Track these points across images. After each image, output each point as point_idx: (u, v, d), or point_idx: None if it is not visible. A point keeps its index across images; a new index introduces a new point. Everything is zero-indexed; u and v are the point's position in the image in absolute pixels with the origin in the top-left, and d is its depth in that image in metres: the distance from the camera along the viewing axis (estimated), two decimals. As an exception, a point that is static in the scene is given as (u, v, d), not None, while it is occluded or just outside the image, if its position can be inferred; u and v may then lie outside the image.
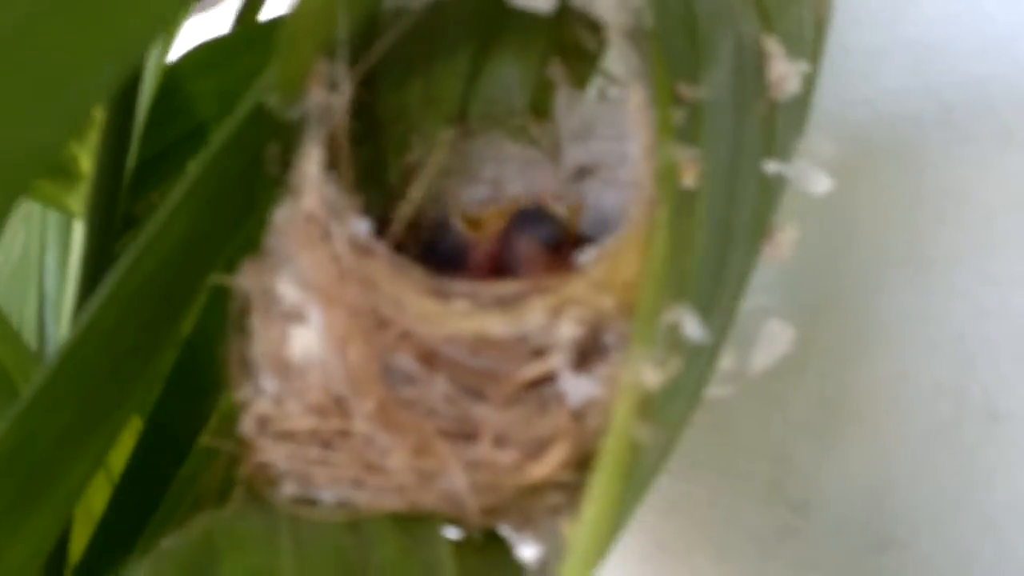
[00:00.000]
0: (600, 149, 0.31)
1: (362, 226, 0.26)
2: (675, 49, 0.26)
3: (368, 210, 0.30)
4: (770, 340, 0.29)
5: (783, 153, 0.28)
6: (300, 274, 0.26)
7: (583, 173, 0.32)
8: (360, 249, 0.26)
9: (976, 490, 0.40)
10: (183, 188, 0.27)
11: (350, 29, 0.26)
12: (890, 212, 0.41)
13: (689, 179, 0.25)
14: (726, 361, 0.28)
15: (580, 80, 0.31)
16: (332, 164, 0.26)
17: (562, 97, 0.31)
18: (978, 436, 0.40)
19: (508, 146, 0.32)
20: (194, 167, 0.27)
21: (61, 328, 0.41)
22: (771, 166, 0.28)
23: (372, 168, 0.30)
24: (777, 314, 0.29)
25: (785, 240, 0.28)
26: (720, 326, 0.27)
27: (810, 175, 0.29)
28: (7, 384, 0.37)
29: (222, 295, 0.28)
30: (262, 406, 0.27)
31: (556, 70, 0.31)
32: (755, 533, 0.45)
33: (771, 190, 0.28)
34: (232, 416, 0.29)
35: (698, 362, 0.26)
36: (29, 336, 0.42)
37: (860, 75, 0.41)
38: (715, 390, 0.28)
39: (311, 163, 0.26)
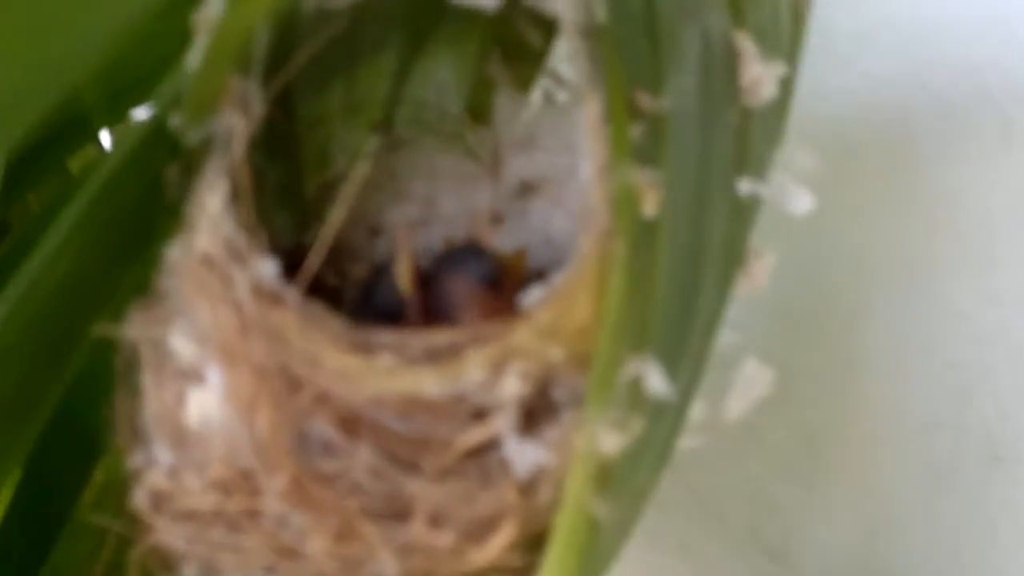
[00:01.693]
0: (546, 162, 0.30)
1: (268, 269, 0.25)
2: (633, 50, 0.25)
3: (281, 235, 0.29)
4: (746, 384, 0.29)
5: (758, 168, 0.28)
6: (196, 326, 0.25)
7: (527, 190, 0.31)
8: (266, 296, 0.25)
9: (977, 538, 0.40)
10: (70, 220, 0.26)
11: (269, 41, 0.25)
12: (875, 220, 0.41)
13: (650, 206, 0.24)
14: (697, 410, 0.27)
15: (523, 82, 0.30)
16: (233, 195, 0.25)
17: (503, 101, 0.30)
18: (978, 477, 0.40)
19: (441, 157, 0.31)
20: (81, 197, 0.26)
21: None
22: (745, 185, 0.27)
23: (286, 188, 0.29)
24: (749, 338, 0.28)
25: (762, 269, 0.28)
26: (690, 376, 0.26)
27: (790, 192, 0.28)
28: None
29: (106, 342, 0.27)
30: (156, 479, 0.26)
31: (496, 69, 0.30)
32: (730, 584, 0.45)
33: (745, 212, 0.28)
34: (118, 484, 0.28)
35: (664, 420, 0.25)
36: None
37: (840, 61, 0.41)
38: (683, 442, 0.27)
39: (213, 196, 0.25)
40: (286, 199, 0.30)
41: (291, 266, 0.26)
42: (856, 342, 0.42)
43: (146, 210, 0.27)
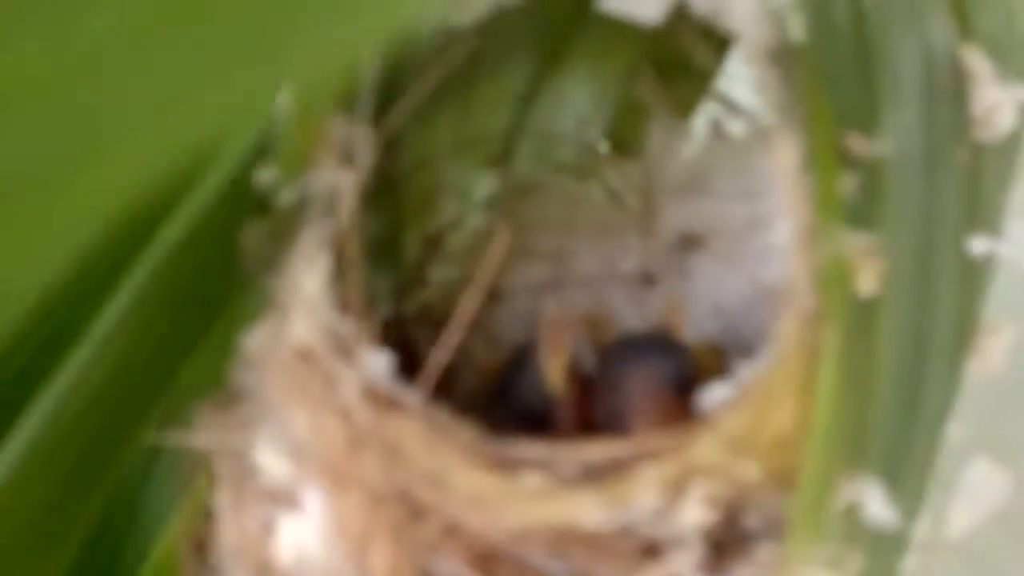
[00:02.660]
0: (715, 210, 0.30)
1: (381, 364, 0.25)
2: (841, 78, 0.25)
3: (374, 302, 0.29)
4: (976, 491, 0.28)
5: (991, 220, 0.28)
6: (290, 436, 0.25)
7: (689, 244, 0.31)
8: (381, 401, 0.25)
9: None
10: (127, 297, 0.26)
11: (378, 78, 0.25)
12: None
13: (868, 282, 0.24)
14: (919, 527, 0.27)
15: (684, 107, 0.30)
16: (337, 272, 0.25)
17: (658, 131, 0.30)
18: None
19: (576, 203, 0.31)
20: (143, 267, 0.26)
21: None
22: (979, 243, 0.27)
23: (385, 243, 0.29)
24: (979, 433, 0.28)
25: (997, 346, 0.28)
26: (914, 491, 0.26)
27: (1029, 247, 0.28)
28: None
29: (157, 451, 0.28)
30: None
31: (649, 90, 0.30)
32: None
33: (977, 277, 0.27)
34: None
35: (886, 553, 0.25)
36: None
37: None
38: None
39: (313, 273, 0.25)
40: (383, 257, 0.30)
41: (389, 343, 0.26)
42: None
43: (215, 284, 0.27)
